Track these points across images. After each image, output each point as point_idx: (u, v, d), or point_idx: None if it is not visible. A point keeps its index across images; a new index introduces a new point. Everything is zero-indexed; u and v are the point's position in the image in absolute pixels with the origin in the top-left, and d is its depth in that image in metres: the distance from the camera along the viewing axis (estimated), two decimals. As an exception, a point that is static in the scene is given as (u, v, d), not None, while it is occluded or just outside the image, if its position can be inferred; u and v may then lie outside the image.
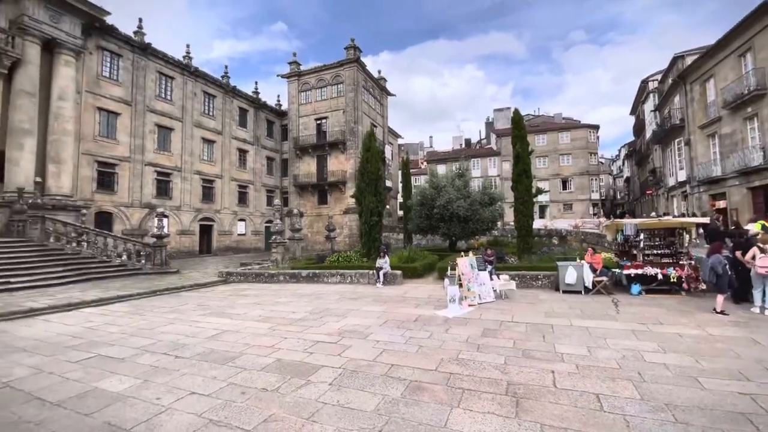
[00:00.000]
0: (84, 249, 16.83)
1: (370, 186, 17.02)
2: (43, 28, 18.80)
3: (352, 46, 34.28)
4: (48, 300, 10.44)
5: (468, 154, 49.22)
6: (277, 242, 18.47)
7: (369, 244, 16.87)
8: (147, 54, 25.69)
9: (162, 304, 10.73)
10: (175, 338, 6.94)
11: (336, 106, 34.82)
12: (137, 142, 24.91)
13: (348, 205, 33.27)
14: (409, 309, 9.09)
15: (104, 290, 12.33)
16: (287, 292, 12.45)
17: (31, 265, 14.31)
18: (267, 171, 37.51)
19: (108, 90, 23.37)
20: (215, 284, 14.70)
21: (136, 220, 24.56)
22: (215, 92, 31.62)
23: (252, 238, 34.87)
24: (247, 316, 8.83)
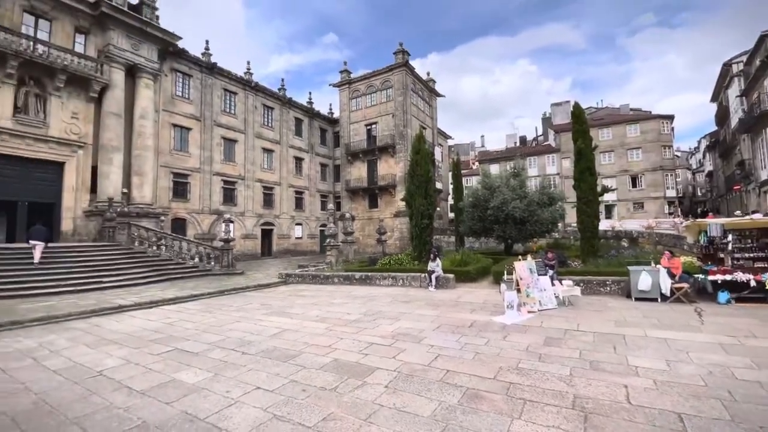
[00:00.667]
0: (163, 252, 18.68)
1: (420, 188, 16.95)
2: (126, 55, 21.27)
3: (400, 50, 34.51)
4: (133, 298, 11.73)
5: (523, 152, 47.07)
6: (331, 245, 19.07)
7: (420, 247, 16.78)
8: (213, 73, 27.99)
9: (230, 302, 11.56)
10: (242, 335, 7.43)
11: (385, 111, 35.23)
12: (206, 154, 27.19)
13: (398, 208, 33.40)
14: (463, 314, 8.88)
15: (180, 289, 13.57)
16: (341, 293, 12.78)
17: (119, 267, 16.19)
18: (321, 177, 38.94)
19: (181, 108, 25.82)
20: (276, 285, 15.53)
21: (206, 225, 26.78)
22: (273, 104, 33.55)
23: (308, 241, 36.35)
24: (305, 316, 9.20)
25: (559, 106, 51.60)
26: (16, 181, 17.77)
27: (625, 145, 42.13)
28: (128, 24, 21.08)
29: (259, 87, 31.91)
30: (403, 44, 34.66)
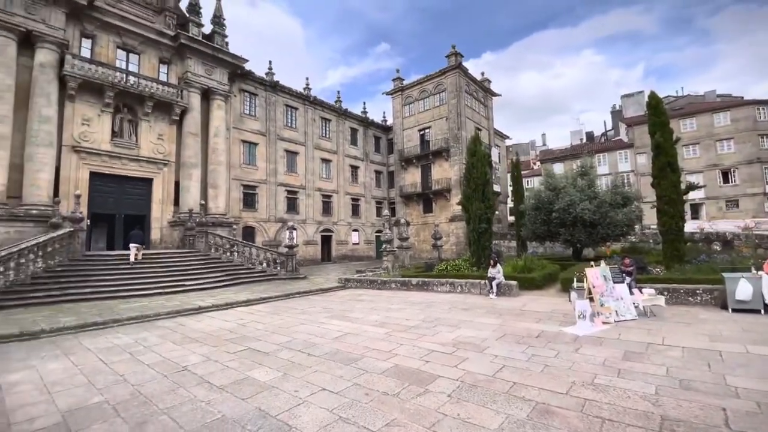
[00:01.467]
0: (235, 258, 20.24)
1: (477, 192, 16.49)
2: (201, 80, 23.60)
3: (453, 53, 34.12)
4: (211, 300, 12.83)
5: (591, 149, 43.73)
6: (387, 251, 19.25)
7: (478, 252, 16.29)
8: (276, 91, 29.96)
9: (294, 306, 12.16)
10: (307, 337, 7.77)
11: (438, 115, 34.97)
12: (271, 167, 29.08)
13: (454, 213, 32.80)
14: (528, 323, 8.43)
15: (251, 293, 14.58)
16: (399, 299, 12.82)
17: (199, 271, 17.83)
18: (375, 184, 39.63)
19: (248, 125, 27.95)
20: (336, 289, 16.04)
21: (272, 232, 28.55)
22: (330, 116, 34.97)
23: (364, 247, 37.09)
24: (364, 320, 9.37)
25: (630, 97, 47.24)
26: (113, 196, 20.48)
27: (713, 136, 37.21)
28: (203, 52, 23.43)
29: (317, 101, 33.47)
30: (455, 46, 34.23)
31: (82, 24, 19.51)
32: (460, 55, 34.26)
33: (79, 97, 18.98)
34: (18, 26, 16.82)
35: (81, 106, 19.16)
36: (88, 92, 19.20)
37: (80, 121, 19.15)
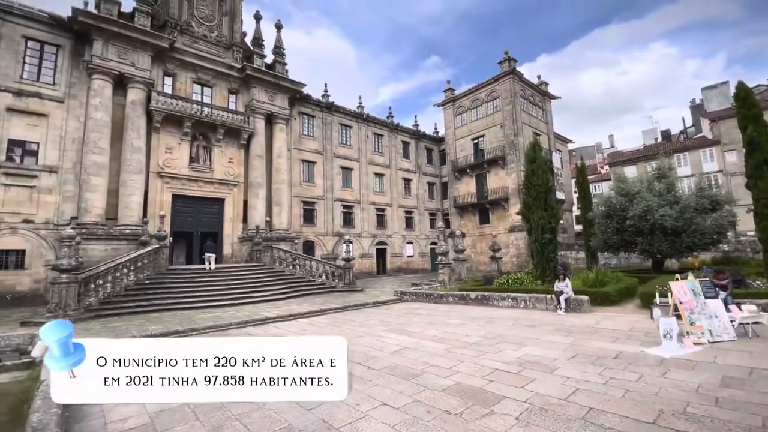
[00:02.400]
0: (297, 271, 21.22)
1: (539, 200, 15.65)
2: (264, 106, 25.50)
3: (506, 58, 33.28)
4: (276, 311, 13.52)
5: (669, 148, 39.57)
6: (443, 263, 18.92)
7: (542, 264, 15.35)
8: (331, 111, 31.40)
9: (352, 318, 12.38)
10: (366, 350, 7.84)
11: (492, 123, 34.09)
12: (328, 183, 30.32)
13: (513, 223, 31.40)
14: (603, 343, 7.71)
15: (312, 304, 15.14)
16: (457, 313, 12.47)
17: (265, 284, 18.94)
18: (428, 196, 39.41)
19: (307, 145, 29.52)
20: (392, 302, 16.06)
21: (330, 246, 29.56)
22: (382, 131, 35.74)
23: (419, 260, 36.82)
24: (423, 335, 9.23)
25: (713, 89, 42.20)
26: (192, 215, 22.64)
27: (828, 126, 31.74)
28: (266, 81, 25.40)
29: (370, 118, 34.43)
30: (508, 52, 33.37)
31: (165, 64, 22.20)
32: (513, 60, 33.30)
33: (163, 129, 21.48)
34: (113, 70, 19.58)
35: (164, 136, 21.65)
36: (171, 124, 21.67)
37: (164, 150, 21.63)
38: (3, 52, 17.73)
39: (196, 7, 23.68)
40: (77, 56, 19.51)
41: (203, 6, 24.05)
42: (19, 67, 18.14)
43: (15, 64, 18.03)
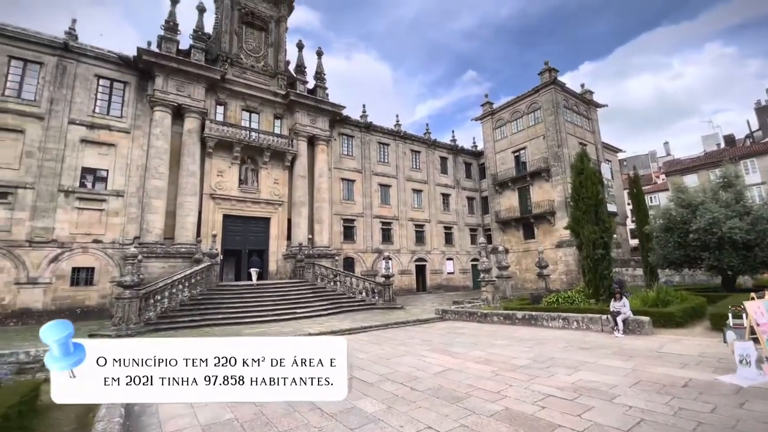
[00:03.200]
0: (338, 287, 21.50)
1: (588, 213, 14.82)
2: (307, 129, 26.64)
3: (546, 69, 32.50)
4: (319, 327, 13.71)
5: (734, 154, 36.22)
6: (486, 281, 18.31)
7: (595, 282, 14.39)
8: (370, 130, 32.14)
9: (393, 336, 12.24)
10: (409, 370, 7.69)
11: (534, 134, 33.14)
12: (367, 201, 30.78)
13: (560, 238, 29.91)
14: (669, 369, 7.01)
15: (352, 321, 15.20)
16: (503, 333, 11.93)
17: (308, 300, 19.33)
18: (468, 211, 38.68)
19: (346, 164, 30.31)
20: (434, 321, 15.71)
21: (369, 262, 29.74)
22: (419, 148, 35.91)
23: (460, 277, 35.93)
24: (467, 356, 8.91)
25: (786, 87, 38.24)
26: (240, 234, 23.81)
27: None
28: (308, 105, 26.63)
29: (407, 135, 34.80)
30: (548, 62, 32.61)
31: (217, 94, 23.98)
32: (554, 70, 32.43)
33: (215, 153, 23.04)
34: (172, 102, 21.44)
35: (216, 160, 23.19)
36: (222, 149, 23.21)
37: (216, 173, 23.13)
38: (78, 89, 20.05)
39: (245, 41, 25.56)
40: (141, 91, 21.63)
41: (251, 39, 25.91)
42: (91, 103, 20.39)
43: (88, 100, 20.30)
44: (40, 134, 18.75)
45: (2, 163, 17.76)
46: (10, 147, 18.07)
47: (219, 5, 25.13)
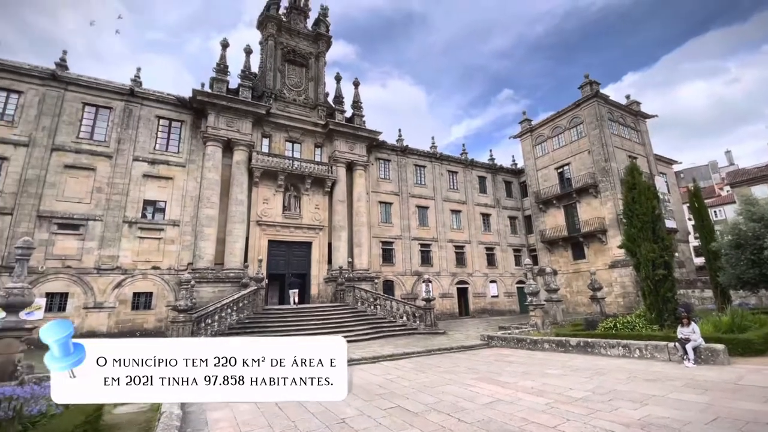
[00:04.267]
0: (378, 311, 21.34)
1: (645, 231, 13.76)
2: (345, 155, 27.48)
3: (587, 82, 31.56)
4: (361, 352, 13.58)
5: (811, 162, 32.57)
6: (534, 305, 17.38)
7: (658, 305, 13.16)
8: (406, 154, 32.55)
9: (437, 363, 11.83)
10: (455, 400, 7.34)
11: (578, 149, 31.89)
12: (404, 223, 30.78)
13: (614, 257, 27.99)
14: (752, 404, 6.15)
15: (394, 347, 14.92)
16: (556, 362, 11.14)
17: (348, 324, 19.32)
18: (511, 230, 37.41)
19: (383, 187, 30.71)
20: (479, 347, 15.04)
21: (409, 285, 29.39)
22: (456, 168, 35.68)
23: (505, 300, 34.41)
24: (517, 386, 8.38)
25: None
26: (284, 259, 24.58)
27: None
28: (346, 133, 27.61)
29: (443, 156, 34.80)
30: (588, 75, 31.69)
31: (262, 127, 25.53)
32: (595, 83, 31.42)
33: (261, 183, 24.29)
34: (222, 137, 23.08)
35: (262, 189, 24.42)
36: (267, 178, 24.45)
37: (261, 201, 24.31)
38: (142, 129, 22.20)
39: (287, 77, 27.28)
40: (195, 128, 23.54)
41: (293, 75, 27.62)
42: (153, 141, 22.45)
43: (150, 139, 22.37)
44: (108, 171, 20.84)
45: (76, 198, 19.85)
46: (84, 183, 20.20)
47: (264, 46, 27.16)
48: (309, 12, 29.71)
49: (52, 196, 19.35)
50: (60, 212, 19.33)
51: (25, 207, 18.63)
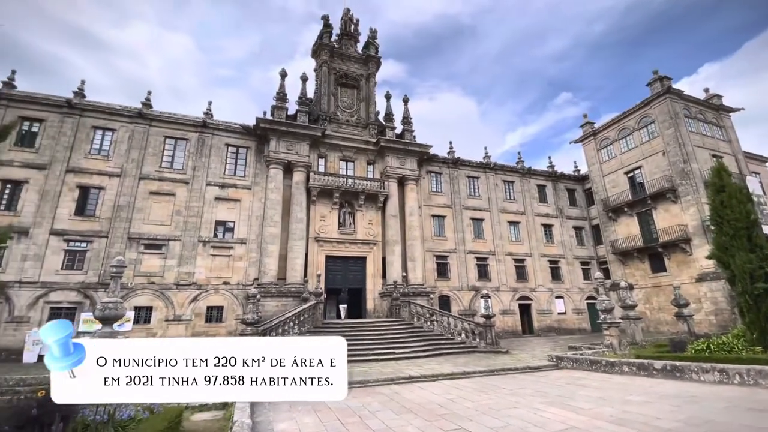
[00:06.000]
0: (435, 327, 20.88)
1: (738, 239, 12.10)
2: (396, 171, 27.79)
3: (656, 78, 29.00)
4: (419, 369, 13.32)
5: None
6: (608, 323, 15.87)
7: (760, 324, 11.38)
8: (457, 165, 32.08)
9: (501, 384, 11.21)
10: (523, 425, 6.87)
11: (651, 151, 29.16)
12: (459, 236, 30.10)
13: (702, 269, 24.84)
14: None
15: (453, 365, 14.44)
16: (638, 387, 9.99)
17: (405, 340, 19.11)
18: (577, 242, 34.85)
19: (436, 200, 30.44)
20: (547, 369, 14.01)
21: (466, 301, 28.46)
22: (512, 178, 34.33)
23: (573, 317, 31.85)
24: (594, 413, 7.63)
25: None
26: (340, 273, 25.19)
27: None
28: (397, 148, 28.01)
29: (497, 166, 33.73)
30: (657, 71, 29.13)
31: (318, 149, 26.79)
32: (666, 78, 28.76)
33: (318, 201, 25.36)
34: (283, 160, 24.60)
35: (319, 207, 25.47)
36: (323, 196, 25.48)
37: (319, 218, 25.32)
38: (213, 157, 24.42)
39: (340, 99, 28.55)
40: (259, 153, 25.37)
41: (345, 97, 28.85)
42: (222, 167, 24.57)
43: (220, 165, 24.51)
44: (185, 196, 23.13)
45: (159, 221, 22.23)
46: (165, 207, 22.59)
47: (318, 72, 28.76)
48: (359, 36, 31.00)
49: (139, 219, 21.88)
50: (146, 234, 21.76)
51: (117, 230, 21.26)
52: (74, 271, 20.19)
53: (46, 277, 19.51)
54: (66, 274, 19.98)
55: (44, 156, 21.12)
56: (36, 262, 19.53)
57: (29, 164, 20.75)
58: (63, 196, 20.92)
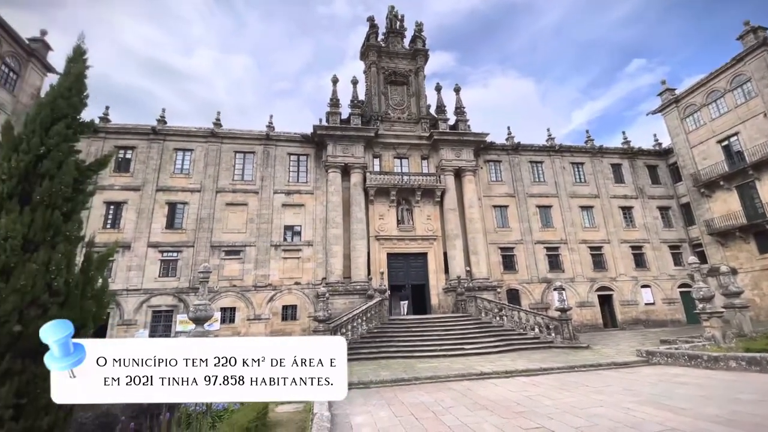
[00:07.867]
0: (505, 322, 20.12)
1: None
2: (452, 163, 27.19)
3: (748, 30, 24.93)
4: (490, 366, 12.95)
5: None
6: (708, 313, 14.02)
7: None
8: (518, 151, 30.47)
9: (583, 381, 10.47)
10: (612, 425, 6.35)
11: (748, 113, 25.15)
12: (524, 226, 28.61)
13: (831, 247, 20.82)
14: None
15: (528, 361, 13.80)
16: (749, 385, 8.70)
17: (473, 335, 18.67)
18: (663, 223, 31.21)
19: (496, 190, 29.24)
20: (636, 365, 12.78)
21: (537, 294, 27.00)
22: (582, 159, 31.75)
23: (664, 308, 28.61)
24: (695, 413, 6.80)
25: None
26: (402, 270, 25.38)
27: None
28: (451, 140, 27.42)
29: (563, 147, 31.44)
30: (749, 22, 24.99)
31: (372, 149, 27.22)
32: (761, 28, 24.61)
33: (376, 200, 25.80)
34: (340, 163, 25.44)
35: (377, 206, 25.90)
36: (381, 195, 25.86)
37: (377, 217, 25.75)
38: (278, 166, 26.05)
39: (390, 97, 28.72)
40: (318, 159, 26.52)
41: (395, 94, 28.95)
42: (286, 175, 26.10)
43: (284, 173, 26.06)
44: (256, 205, 24.97)
45: (236, 229, 24.29)
46: (240, 217, 24.60)
47: (367, 73, 29.20)
48: (405, 32, 30.87)
49: (219, 229, 24.11)
50: (225, 242, 23.90)
51: (201, 240, 23.63)
52: (169, 278, 22.87)
53: (147, 284, 22.37)
54: (163, 281, 22.72)
55: (138, 179, 24.19)
56: (138, 272, 22.47)
57: (126, 187, 23.92)
58: (155, 212, 23.80)
